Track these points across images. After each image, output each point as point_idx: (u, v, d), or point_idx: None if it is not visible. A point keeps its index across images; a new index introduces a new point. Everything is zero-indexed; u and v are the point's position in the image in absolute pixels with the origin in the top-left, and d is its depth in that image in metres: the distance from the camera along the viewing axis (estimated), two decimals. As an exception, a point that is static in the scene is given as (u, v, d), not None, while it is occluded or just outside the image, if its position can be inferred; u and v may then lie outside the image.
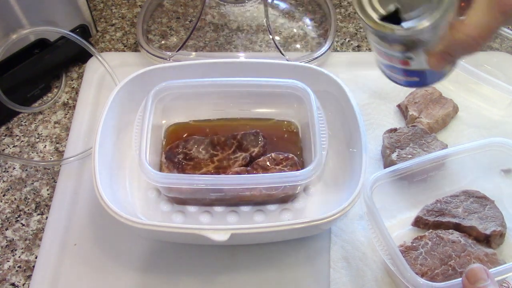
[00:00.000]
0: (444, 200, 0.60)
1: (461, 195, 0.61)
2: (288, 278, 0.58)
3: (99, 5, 0.88)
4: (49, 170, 0.68)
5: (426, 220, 0.58)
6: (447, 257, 0.54)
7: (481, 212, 0.59)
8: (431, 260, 0.53)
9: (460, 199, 0.60)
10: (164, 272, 0.59)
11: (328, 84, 0.65)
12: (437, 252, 0.54)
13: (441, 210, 0.59)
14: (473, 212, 0.59)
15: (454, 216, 0.58)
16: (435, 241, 0.55)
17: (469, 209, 0.59)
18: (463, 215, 0.58)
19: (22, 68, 0.69)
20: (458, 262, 0.54)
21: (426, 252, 0.54)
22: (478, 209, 0.59)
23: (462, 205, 0.59)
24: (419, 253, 0.54)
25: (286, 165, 0.62)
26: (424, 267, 0.53)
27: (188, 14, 0.86)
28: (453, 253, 0.54)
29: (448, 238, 0.56)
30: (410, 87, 0.54)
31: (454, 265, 0.53)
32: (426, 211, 0.59)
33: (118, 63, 0.76)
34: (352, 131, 0.62)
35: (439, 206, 0.59)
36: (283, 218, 0.61)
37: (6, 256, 0.60)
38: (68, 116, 0.73)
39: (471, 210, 0.59)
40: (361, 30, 0.85)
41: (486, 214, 0.59)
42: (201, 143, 0.64)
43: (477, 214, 0.59)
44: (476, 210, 0.59)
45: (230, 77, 0.64)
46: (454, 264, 0.54)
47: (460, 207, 0.59)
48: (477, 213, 0.59)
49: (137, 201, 0.61)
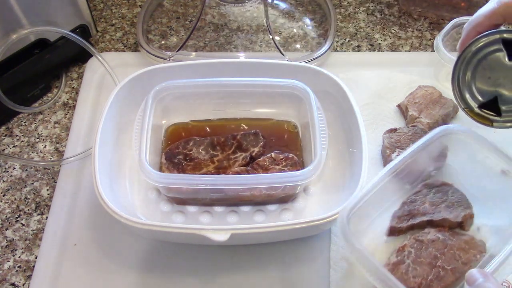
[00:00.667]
0: (410, 200, 0.60)
1: (423, 189, 0.60)
2: (288, 278, 0.58)
3: (99, 5, 0.88)
4: (49, 170, 0.68)
5: (400, 228, 0.58)
6: (433, 259, 0.54)
7: (446, 200, 0.59)
8: (421, 268, 0.53)
9: (423, 194, 0.60)
10: (164, 272, 0.59)
11: (328, 84, 0.65)
12: (423, 258, 0.54)
13: (410, 212, 0.58)
14: (439, 203, 0.59)
15: (424, 213, 0.58)
16: (416, 246, 0.55)
17: (435, 201, 0.59)
18: (431, 209, 0.58)
19: (22, 68, 0.69)
20: (445, 260, 0.54)
21: (413, 261, 0.54)
22: (443, 197, 0.59)
23: (427, 200, 0.59)
24: (407, 265, 0.54)
25: (286, 165, 0.62)
26: (417, 278, 0.53)
27: (188, 14, 0.86)
28: (437, 252, 0.55)
29: (428, 239, 0.56)
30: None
31: (442, 265, 0.54)
32: (397, 219, 0.58)
33: (118, 63, 0.76)
34: (352, 131, 0.62)
35: (407, 208, 0.59)
36: (283, 218, 0.61)
37: (6, 256, 0.60)
38: (68, 116, 0.73)
39: (437, 202, 0.59)
40: (361, 30, 0.85)
41: (451, 200, 0.59)
42: (201, 143, 0.64)
43: (444, 203, 0.59)
44: (442, 200, 0.59)
45: (230, 77, 0.64)
46: (442, 263, 0.54)
47: (425, 202, 0.59)
48: (443, 202, 0.59)
49: (137, 201, 0.61)
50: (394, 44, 0.83)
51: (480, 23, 0.44)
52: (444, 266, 0.54)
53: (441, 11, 0.86)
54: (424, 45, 0.83)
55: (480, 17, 0.45)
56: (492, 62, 0.41)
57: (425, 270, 0.53)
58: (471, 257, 0.55)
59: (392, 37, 0.84)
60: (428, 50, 0.82)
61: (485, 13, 0.44)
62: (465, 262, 0.54)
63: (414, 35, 0.84)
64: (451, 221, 0.57)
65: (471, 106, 0.45)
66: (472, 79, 0.44)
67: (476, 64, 0.43)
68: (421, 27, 0.85)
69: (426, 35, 0.84)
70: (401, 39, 0.83)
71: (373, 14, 0.87)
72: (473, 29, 0.45)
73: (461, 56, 0.43)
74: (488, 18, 0.44)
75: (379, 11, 0.88)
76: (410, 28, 0.85)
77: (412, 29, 0.85)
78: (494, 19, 0.44)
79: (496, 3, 0.43)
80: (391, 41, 0.83)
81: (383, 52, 0.82)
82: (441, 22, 0.86)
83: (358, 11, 0.88)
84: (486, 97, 0.44)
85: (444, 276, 0.53)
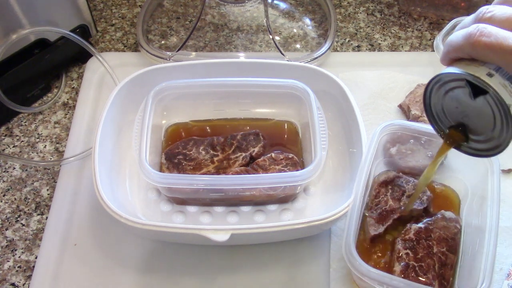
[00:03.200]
0: (375, 203, 0.59)
1: (377, 187, 0.60)
2: (288, 278, 0.58)
3: (99, 5, 0.88)
4: (49, 170, 0.68)
5: (379, 234, 0.57)
6: (429, 248, 0.55)
7: (402, 189, 0.60)
8: (425, 263, 0.54)
9: (383, 193, 0.60)
10: (164, 272, 0.59)
11: (328, 84, 0.65)
12: (420, 253, 0.55)
13: (380, 215, 0.58)
14: (399, 196, 0.59)
15: (392, 211, 0.58)
16: (408, 246, 0.55)
17: (394, 196, 0.59)
18: (396, 204, 0.58)
19: (22, 68, 0.69)
20: (438, 244, 0.55)
21: (415, 260, 0.54)
22: (399, 190, 0.60)
23: (387, 197, 0.59)
24: (413, 267, 0.54)
25: (286, 165, 0.62)
26: (428, 273, 0.53)
27: (188, 14, 0.86)
28: (428, 242, 0.55)
29: (413, 234, 0.56)
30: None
31: (438, 249, 0.55)
32: (373, 226, 0.58)
33: (118, 63, 0.76)
34: (352, 131, 0.62)
35: (376, 213, 0.58)
36: (283, 218, 0.61)
37: (6, 256, 0.60)
38: (68, 116, 0.73)
39: (396, 196, 0.59)
40: (361, 30, 0.85)
41: (408, 189, 0.59)
42: (201, 143, 0.64)
43: (403, 194, 0.59)
44: (399, 191, 0.59)
45: (230, 77, 0.64)
46: (437, 249, 0.55)
47: (388, 200, 0.59)
48: (402, 193, 0.59)
49: (137, 201, 0.61)
50: (394, 44, 0.83)
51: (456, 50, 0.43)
52: (440, 249, 0.55)
53: (441, 11, 0.86)
54: (424, 45, 0.83)
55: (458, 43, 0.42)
56: (459, 95, 0.42)
57: (430, 262, 0.54)
58: (453, 229, 0.56)
59: (392, 37, 0.84)
60: (428, 50, 0.82)
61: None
62: (452, 236, 0.56)
63: (414, 35, 0.84)
64: (417, 210, 0.58)
65: (443, 128, 0.46)
66: (441, 106, 0.44)
67: (444, 94, 0.43)
68: (421, 27, 0.85)
69: (426, 35, 0.84)
70: (401, 39, 0.83)
71: (373, 14, 0.87)
72: (449, 56, 0.43)
73: (430, 84, 0.43)
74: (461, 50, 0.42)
75: (379, 11, 0.88)
76: (410, 28, 0.85)
77: (412, 29, 0.85)
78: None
79: (463, 37, 0.41)
80: (391, 41, 0.83)
81: (383, 52, 0.82)
82: (441, 22, 0.86)
83: (358, 11, 0.88)
84: (455, 122, 0.45)
85: (446, 258, 0.54)
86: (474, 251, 0.54)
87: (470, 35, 0.38)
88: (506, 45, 0.37)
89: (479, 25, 0.38)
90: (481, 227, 0.53)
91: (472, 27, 0.38)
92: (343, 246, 0.50)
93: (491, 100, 0.39)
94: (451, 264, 0.54)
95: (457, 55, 0.41)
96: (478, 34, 0.38)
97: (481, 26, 0.38)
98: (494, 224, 0.52)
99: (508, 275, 0.58)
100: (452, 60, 0.42)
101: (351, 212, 0.52)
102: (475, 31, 0.38)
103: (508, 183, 0.64)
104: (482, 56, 0.39)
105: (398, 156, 0.62)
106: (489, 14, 0.39)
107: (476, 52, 0.39)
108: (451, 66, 0.41)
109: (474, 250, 0.54)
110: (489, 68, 0.39)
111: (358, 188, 0.53)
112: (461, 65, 0.40)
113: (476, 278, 0.49)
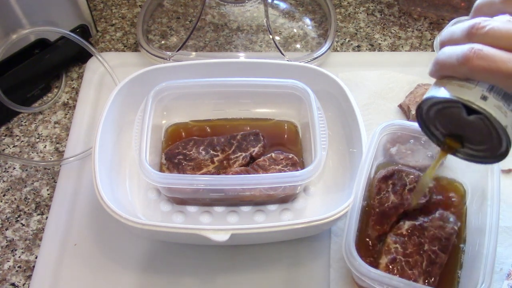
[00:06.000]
0: (377, 201, 0.59)
1: (377, 184, 0.59)
2: (288, 278, 0.58)
3: (99, 5, 0.88)
4: (49, 170, 0.68)
5: (384, 232, 0.57)
6: (419, 245, 0.55)
7: (402, 182, 0.59)
8: (413, 259, 0.54)
9: (383, 188, 0.59)
10: (164, 272, 0.59)
11: (328, 84, 0.65)
12: (410, 248, 0.55)
13: (383, 213, 0.57)
14: (401, 191, 0.58)
15: (395, 207, 0.57)
16: (399, 240, 0.55)
17: (396, 190, 0.59)
18: (398, 199, 0.58)
19: (22, 68, 0.69)
20: (430, 243, 0.55)
21: (404, 255, 0.54)
22: (400, 184, 0.59)
23: (388, 193, 0.58)
24: (400, 261, 0.54)
25: (286, 165, 0.62)
26: (414, 269, 0.53)
27: (188, 14, 0.86)
28: (420, 239, 0.55)
29: (406, 229, 0.56)
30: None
31: (429, 248, 0.54)
32: (378, 226, 0.57)
33: (118, 63, 0.76)
34: (352, 131, 0.62)
35: (379, 211, 0.58)
36: (283, 218, 0.61)
37: (6, 256, 0.60)
38: (68, 116, 0.73)
39: (398, 190, 0.58)
40: (361, 30, 0.85)
41: (409, 181, 0.59)
42: (201, 143, 0.64)
43: (405, 188, 0.58)
44: (400, 185, 0.59)
45: (230, 77, 0.64)
46: (428, 247, 0.54)
47: (389, 196, 0.58)
48: (404, 187, 0.59)
49: (137, 201, 0.61)
50: (394, 44, 0.83)
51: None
52: (431, 248, 0.55)
53: (441, 11, 0.86)
54: (424, 45, 0.83)
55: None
56: (453, 112, 0.41)
57: (418, 259, 0.54)
58: (449, 230, 0.56)
59: (392, 37, 0.84)
60: (428, 50, 0.82)
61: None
62: (447, 237, 0.56)
63: (414, 35, 0.84)
64: (420, 204, 0.58)
65: (439, 137, 0.46)
66: (435, 122, 0.44)
67: (437, 111, 0.43)
68: (421, 27, 0.85)
69: (426, 35, 0.84)
70: (401, 39, 0.83)
71: (373, 14, 0.87)
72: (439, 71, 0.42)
73: (422, 104, 0.43)
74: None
75: (379, 11, 0.88)
76: (410, 28, 0.85)
77: (412, 29, 0.85)
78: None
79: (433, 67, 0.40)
80: (391, 41, 0.83)
81: (383, 52, 0.82)
82: (441, 22, 0.86)
83: (358, 11, 0.88)
84: (450, 133, 0.45)
85: (436, 257, 0.54)
86: (474, 251, 0.53)
87: (466, 58, 0.36)
88: (505, 68, 0.35)
89: (474, 47, 0.36)
90: (481, 227, 0.53)
91: (467, 48, 0.36)
92: (343, 246, 0.50)
93: (486, 121, 0.39)
94: (440, 263, 0.54)
95: (450, 74, 0.39)
96: (475, 57, 0.36)
97: (476, 48, 0.36)
98: (494, 224, 0.51)
99: (508, 275, 0.58)
100: (443, 76, 0.40)
101: (351, 212, 0.52)
102: (471, 54, 0.36)
103: (508, 183, 0.64)
104: (479, 78, 0.37)
105: (398, 156, 0.62)
106: (484, 30, 0.37)
107: (473, 75, 0.37)
108: (443, 87, 0.40)
109: (474, 250, 0.54)
110: (483, 90, 0.37)
111: (358, 188, 0.53)
112: (453, 86, 0.39)
113: (476, 278, 0.49)
